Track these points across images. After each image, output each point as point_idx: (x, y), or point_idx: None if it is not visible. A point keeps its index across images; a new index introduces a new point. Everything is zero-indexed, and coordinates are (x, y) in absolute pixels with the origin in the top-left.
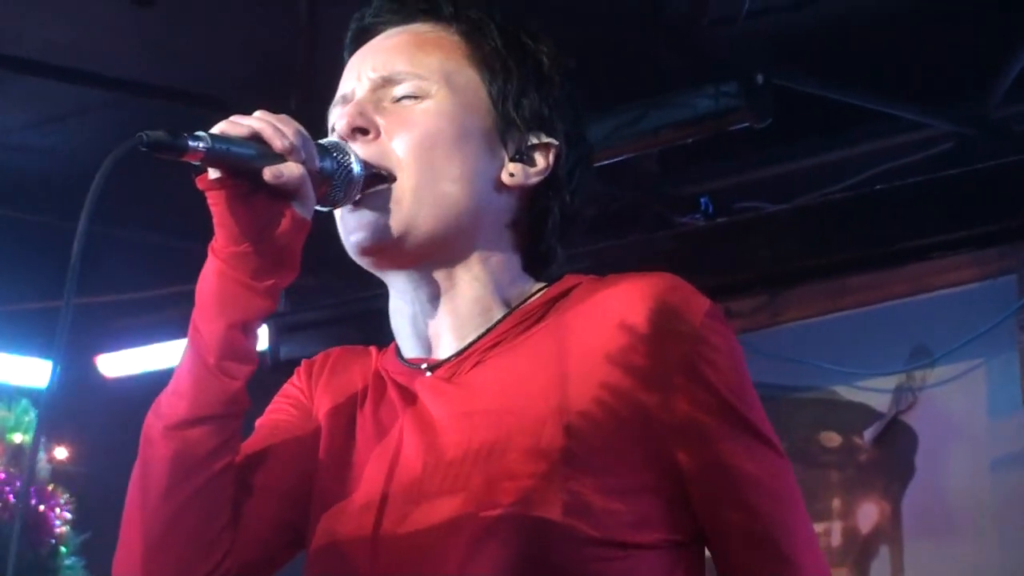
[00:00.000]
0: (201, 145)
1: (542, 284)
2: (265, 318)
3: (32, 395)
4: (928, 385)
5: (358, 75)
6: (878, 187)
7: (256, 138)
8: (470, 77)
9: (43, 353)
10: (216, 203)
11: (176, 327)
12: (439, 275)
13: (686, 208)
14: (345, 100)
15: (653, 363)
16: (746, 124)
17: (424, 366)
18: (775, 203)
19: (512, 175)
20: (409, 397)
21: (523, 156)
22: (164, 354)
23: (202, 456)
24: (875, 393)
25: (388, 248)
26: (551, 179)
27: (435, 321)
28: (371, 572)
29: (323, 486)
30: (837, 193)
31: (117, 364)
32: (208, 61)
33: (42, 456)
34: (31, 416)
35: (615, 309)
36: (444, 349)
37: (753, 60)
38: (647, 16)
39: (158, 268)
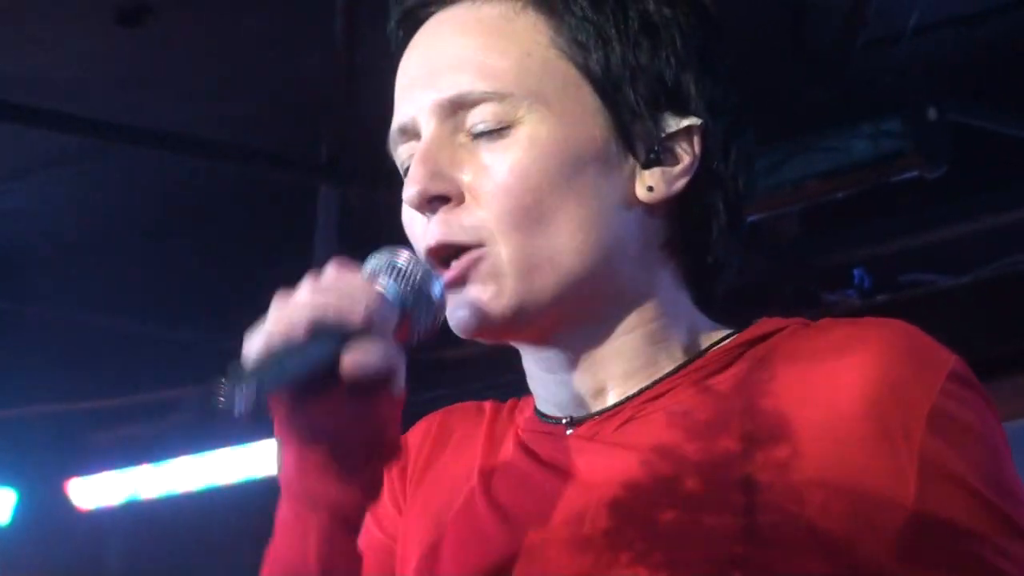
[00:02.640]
0: (251, 392)
1: (729, 331)
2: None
3: None
4: None
5: (416, 96)
6: None
7: (312, 329)
8: (562, 72)
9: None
10: (279, 419)
11: (171, 442)
12: (581, 338)
13: (836, 282)
14: (406, 134)
15: (874, 432)
16: (915, 173)
17: (565, 421)
18: (952, 275)
19: (651, 188)
20: (538, 460)
21: (658, 155)
22: (152, 478)
23: None
24: None
25: (502, 327)
26: (703, 170)
27: (585, 384)
28: None
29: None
30: None
31: (93, 491)
32: (209, 89)
33: None
34: None
35: (831, 366)
36: (595, 405)
37: (922, 90)
38: (786, 39)
39: (154, 366)
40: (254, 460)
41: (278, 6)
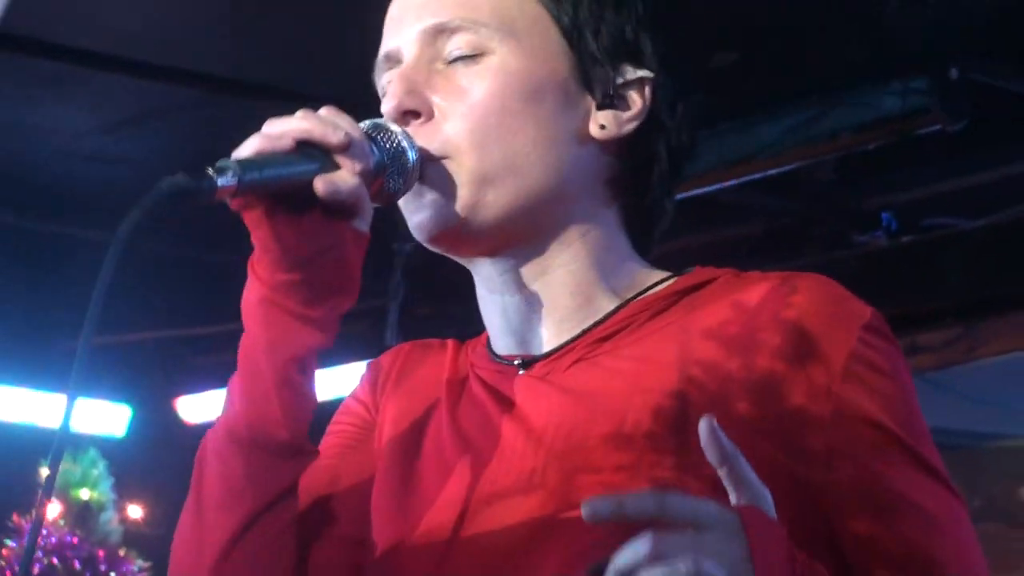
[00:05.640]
0: (230, 177)
1: (665, 274)
2: (321, 351)
3: (101, 444)
4: None
5: (402, 27)
6: None
7: (297, 147)
8: (534, 14)
9: (115, 396)
10: (256, 226)
11: None
12: (528, 258)
13: (867, 225)
14: (390, 60)
15: (796, 374)
16: (938, 127)
17: (517, 362)
18: (970, 219)
19: (603, 127)
20: (498, 398)
21: (613, 99)
22: None
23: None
24: None
25: (457, 233)
26: (650, 119)
27: (528, 312)
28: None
29: (388, 499)
30: None
31: (199, 408)
32: (304, 49)
33: (113, 515)
34: (100, 469)
35: (754, 305)
36: (541, 343)
37: (947, 51)
38: (822, 1)
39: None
40: (339, 381)
41: None
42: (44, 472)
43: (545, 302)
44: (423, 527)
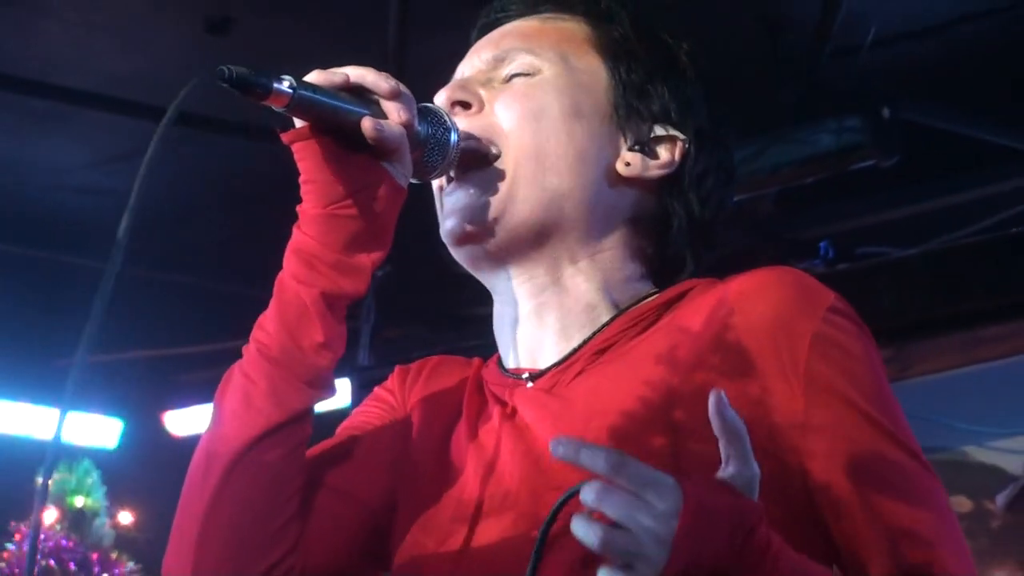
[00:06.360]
0: (286, 86)
1: (655, 289)
2: (354, 302)
3: (94, 455)
4: None
5: (470, 59)
6: (1014, 230)
7: (352, 90)
8: (589, 59)
9: (108, 410)
10: (304, 157)
11: None
12: (541, 269)
13: (804, 253)
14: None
15: (768, 359)
16: (871, 162)
17: (525, 376)
18: (901, 248)
19: (628, 164)
20: (508, 410)
21: (644, 147)
22: None
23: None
24: (1009, 455)
25: (483, 233)
26: (676, 176)
27: (539, 324)
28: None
29: (413, 497)
30: (969, 237)
31: (185, 422)
32: None
33: (106, 521)
34: (94, 478)
35: (730, 303)
36: (547, 356)
37: (879, 93)
38: (764, 47)
39: (227, 318)
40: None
41: (339, 20)
42: (39, 481)
43: (554, 313)
44: (441, 531)
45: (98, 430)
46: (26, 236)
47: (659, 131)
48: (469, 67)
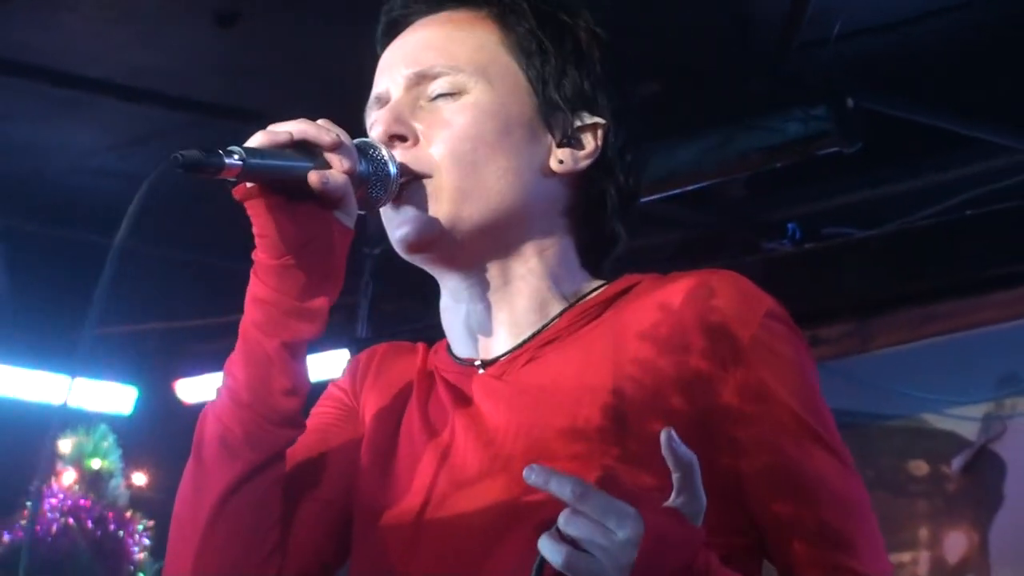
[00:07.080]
0: (236, 159)
1: (601, 282)
2: (311, 341)
3: (111, 421)
4: (1018, 413)
5: (391, 73)
6: (969, 212)
7: (295, 145)
8: (506, 64)
9: (123, 378)
10: (256, 214)
11: None
12: (492, 271)
13: (773, 234)
14: (380, 101)
15: (708, 360)
16: (836, 149)
17: (477, 363)
18: (864, 229)
19: (561, 161)
20: (460, 396)
21: (570, 139)
22: None
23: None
24: (964, 421)
25: (435, 243)
26: (602, 160)
27: (489, 318)
28: (410, 558)
29: (368, 484)
30: (927, 219)
31: (195, 389)
32: (290, 82)
33: (121, 482)
34: (110, 441)
35: (674, 303)
36: (498, 346)
37: (843, 84)
38: (735, 40)
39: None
40: (319, 366)
41: (341, 12)
42: (60, 444)
43: (504, 309)
44: (396, 512)
45: (114, 397)
46: (48, 216)
47: (580, 120)
48: (391, 82)
